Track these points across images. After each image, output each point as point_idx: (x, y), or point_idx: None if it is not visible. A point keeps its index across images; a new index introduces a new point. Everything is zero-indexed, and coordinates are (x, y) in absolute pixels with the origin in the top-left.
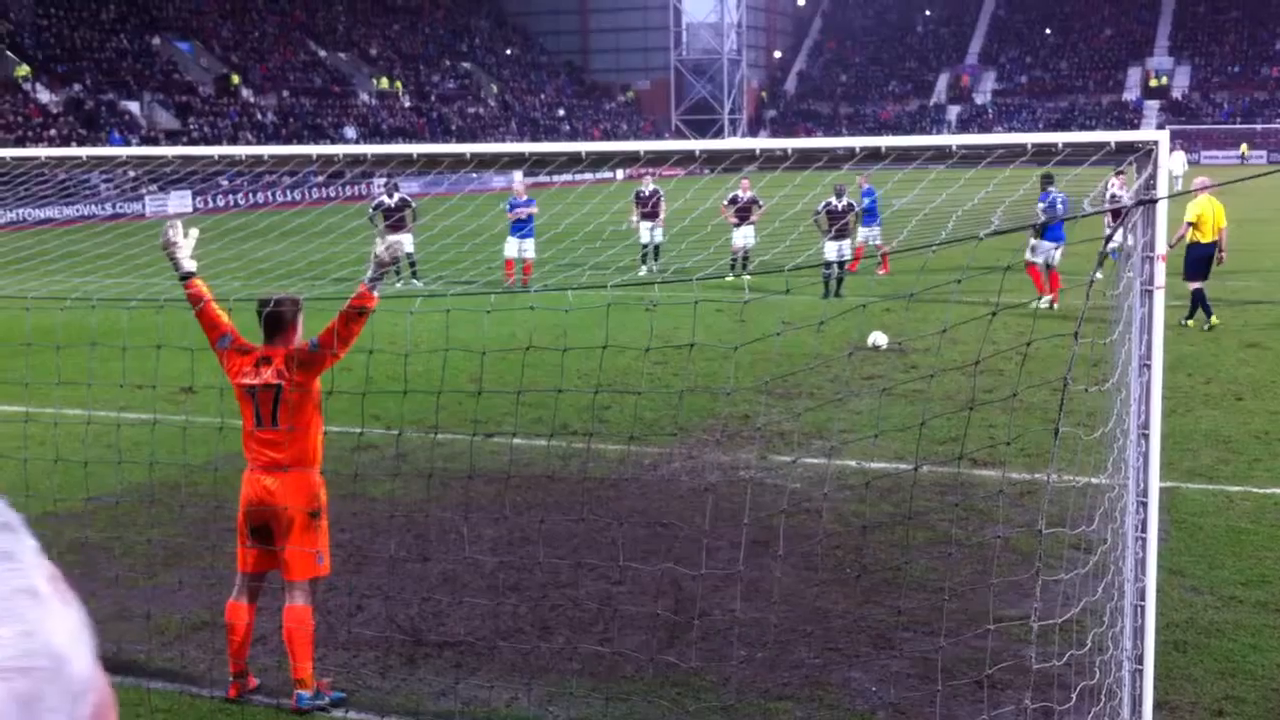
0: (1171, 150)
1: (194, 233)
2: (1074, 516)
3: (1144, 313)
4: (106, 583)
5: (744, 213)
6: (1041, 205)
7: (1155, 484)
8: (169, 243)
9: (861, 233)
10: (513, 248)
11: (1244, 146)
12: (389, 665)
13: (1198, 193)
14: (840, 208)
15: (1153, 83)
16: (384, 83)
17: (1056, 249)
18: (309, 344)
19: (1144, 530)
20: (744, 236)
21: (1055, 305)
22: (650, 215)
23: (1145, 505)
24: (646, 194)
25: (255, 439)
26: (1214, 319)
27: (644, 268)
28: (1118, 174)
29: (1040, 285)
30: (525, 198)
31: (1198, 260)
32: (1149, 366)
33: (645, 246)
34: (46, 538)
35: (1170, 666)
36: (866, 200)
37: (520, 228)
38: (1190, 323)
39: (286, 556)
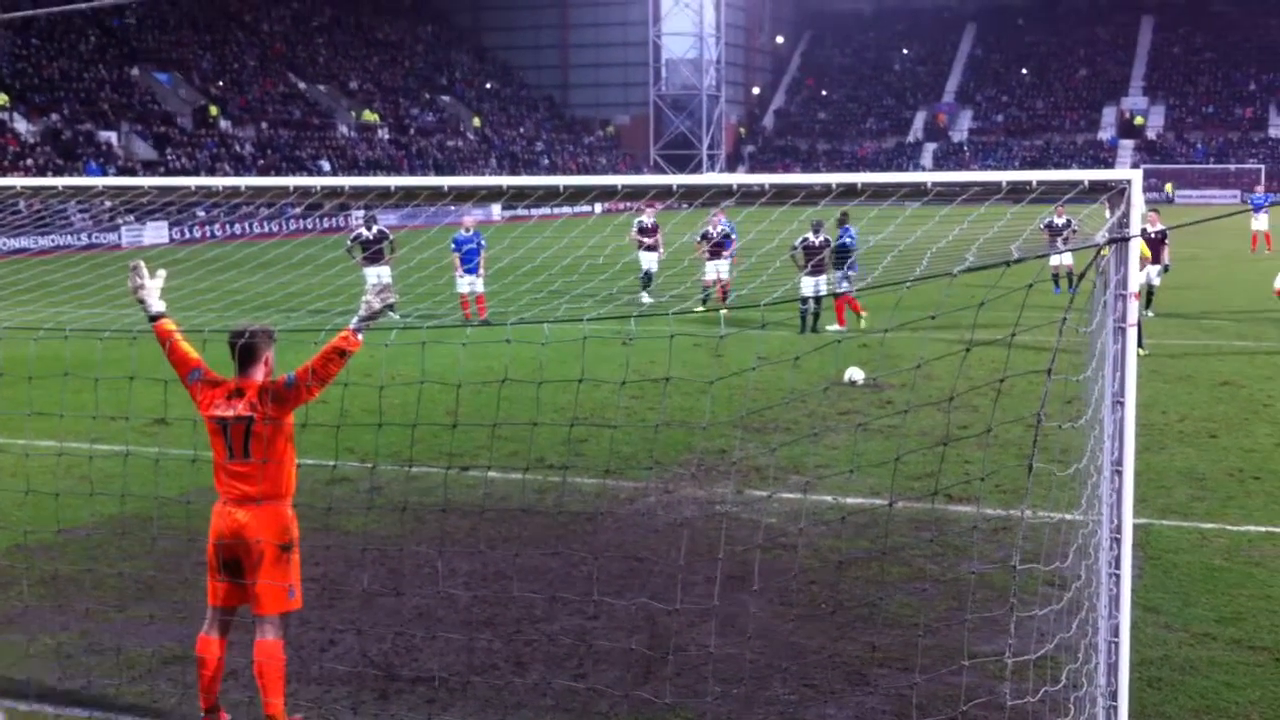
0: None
1: (161, 273)
2: (1048, 552)
3: (1117, 349)
4: (77, 615)
5: (718, 247)
6: (845, 240)
7: (1129, 520)
8: (136, 286)
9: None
10: (464, 284)
11: (1169, 186)
12: (362, 701)
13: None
14: (817, 243)
15: (1138, 120)
16: (368, 115)
17: (853, 278)
18: (285, 379)
19: (1118, 567)
20: (715, 269)
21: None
22: (650, 246)
23: (1119, 541)
24: (649, 225)
25: (227, 471)
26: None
27: (645, 296)
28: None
29: (843, 318)
30: (472, 233)
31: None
32: (1122, 403)
33: (645, 275)
34: (17, 570)
35: (1145, 703)
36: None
37: (467, 263)
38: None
39: (257, 590)
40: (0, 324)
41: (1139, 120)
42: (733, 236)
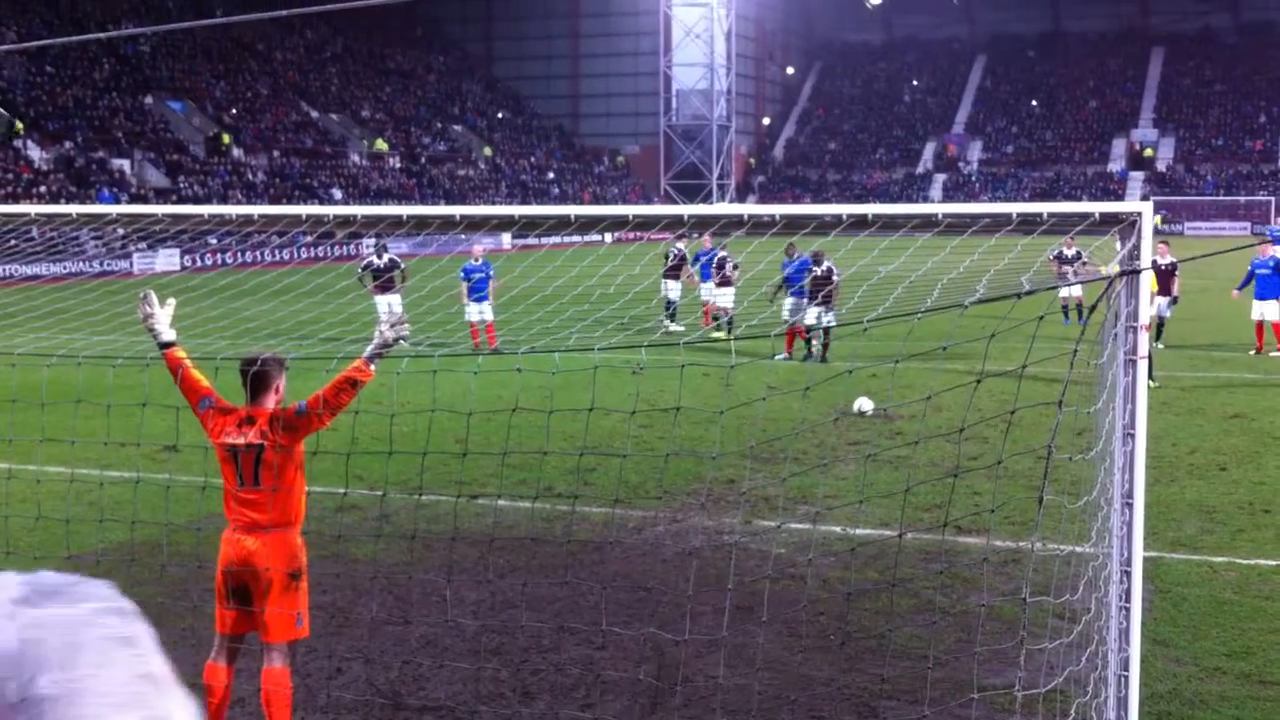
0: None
1: (171, 302)
2: (1058, 585)
3: (1128, 382)
4: None
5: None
6: (793, 269)
7: (1139, 553)
8: (146, 315)
9: (789, 304)
10: (474, 312)
11: (1158, 219)
12: None
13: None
14: (819, 274)
15: (1148, 152)
16: (379, 144)
17: (804, 306)
18: (296, 408)
19: (1128, 600)
20: (724, 298)
21: (790, 357)
22: (673, 274)
23: (1129, 574)
24: (675, 254)
25: (236, 499)
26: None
27: (671, 324)
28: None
29: (791, 344)
30: (482, 262)
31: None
32: (1133, 435)
33: (670, 304)
34: None
35: None
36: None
37: (476, 291)
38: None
39: (265, 618)
40: (14, 350)
41: (1149, 152)
42: (735, 262)
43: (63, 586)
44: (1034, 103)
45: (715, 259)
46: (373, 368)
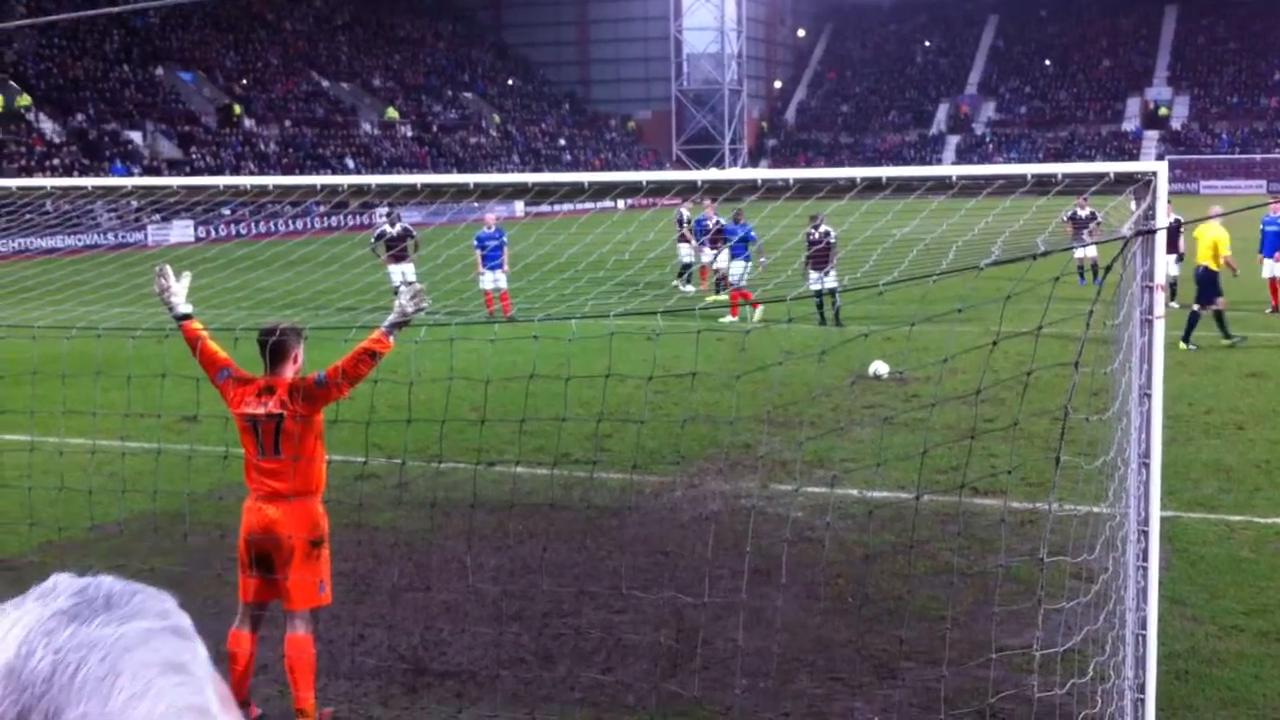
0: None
1: (186, 275)
2: (1075, 545)
3: (1144, 342)
4: None
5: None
6: (739, 234)
7: (1156, 513)
8: (163, 288)
9: (736, 267)
10: (488, 280)
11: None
12: (391, 695)
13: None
14: (816, 236)
15: (1162, 111)
16: (390, 112)
17: (745, 269)
18: (315, 378)
19: (1145, 559)
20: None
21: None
22: (684, 238)
23: (1146, 534)
24: (686, 218)
25: (257, 468)
26: (1226, 340)
27: (683, 286)
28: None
29: (735, 308)
30: (495, 230)
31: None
32: (1149, 396)
33: (683, 266)
34: (50, 566)
35: (1172, 696)
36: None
37: (491, 260)
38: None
39: (288, 586)
40: (34, 323)
41: (1163, 111)
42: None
43: (117, 599)
44: (1047, 62)
45: (711, 224)
46: (391, 339)
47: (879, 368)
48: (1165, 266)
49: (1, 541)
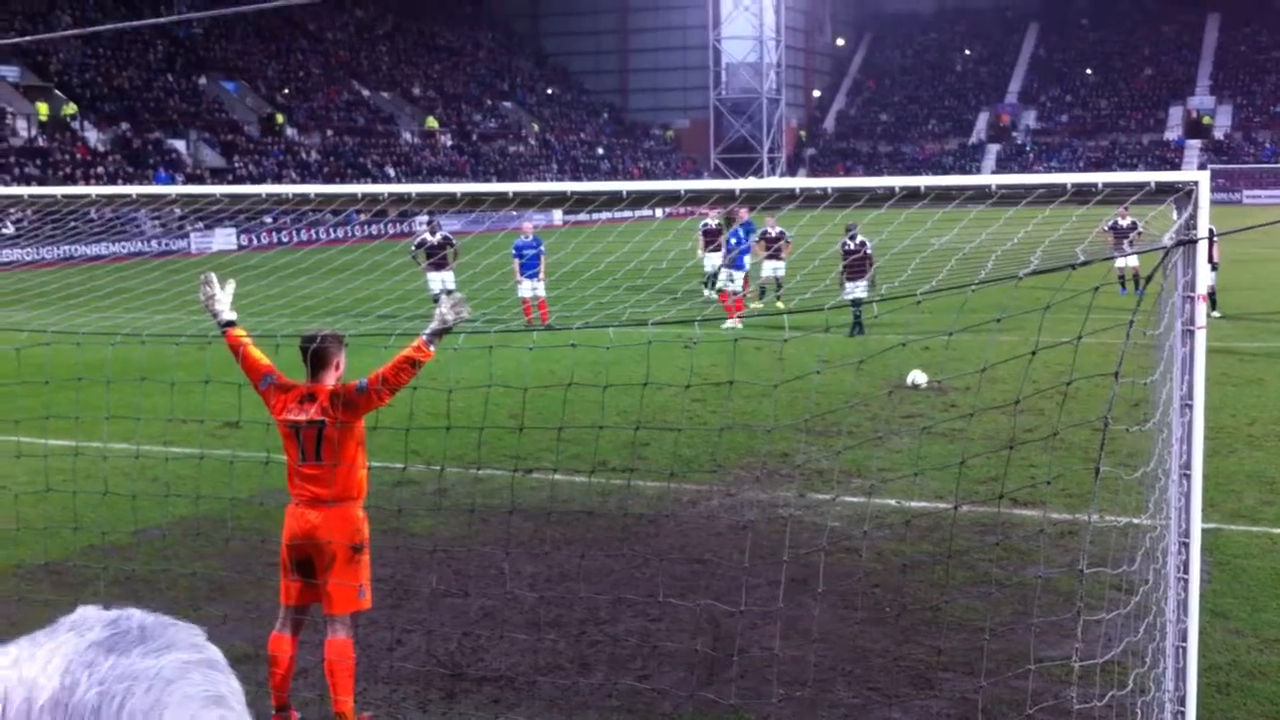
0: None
1: (231, 283)
2: (1115, 557)
3: (1185, 353)
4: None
5: (774, 244)
6: (734, 241)
7: (1197, 525)
8: (208, 296)
9: (738, 276)
10: (526, 289)
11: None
12: (429, 699)
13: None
14: (853, 247)
15: (1205, 120)
16: (430, 121)
17: (743, 277)
18: (356, 385)
19: (1186, 571)
20: (772, 269)
21: (737, 324)
22: (715, 248)
23: (1187, 546)
24: (713, 228)
25: (299, 474)
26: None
27: (708, 291)
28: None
29: (730, 310)
30: (533, 239)
31: None
32: (1190, 406)
33: (710, 274)
34: (93, 569)
35: (1212, 709)
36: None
37: (529, 268)
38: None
39: (329, 590)
40: (79, 330)
41: (1207, 120)
42: (788, 238)
43: (150, 631)
44: (1088, 71)
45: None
46: (432, 348)
47: (917, 377)
48: (1206, 277)
49: (46, 545)
